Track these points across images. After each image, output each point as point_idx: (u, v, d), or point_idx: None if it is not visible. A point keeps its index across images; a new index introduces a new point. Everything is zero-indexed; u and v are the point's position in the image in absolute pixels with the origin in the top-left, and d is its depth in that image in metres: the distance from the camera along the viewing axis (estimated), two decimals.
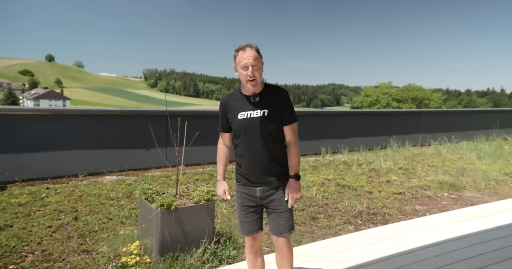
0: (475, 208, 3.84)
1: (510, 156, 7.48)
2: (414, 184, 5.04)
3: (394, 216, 3.76)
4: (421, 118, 9.58)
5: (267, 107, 1.73)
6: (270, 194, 1.78)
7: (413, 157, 7.16)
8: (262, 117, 1.71)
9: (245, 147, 1.76)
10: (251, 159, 1.76)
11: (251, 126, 1.72)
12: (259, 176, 1.77)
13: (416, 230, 3.12)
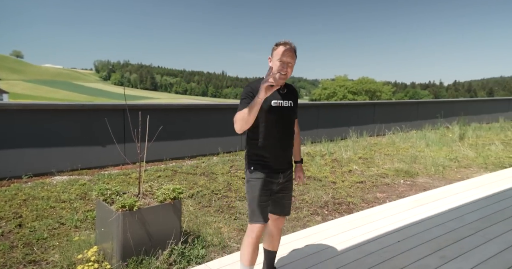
0: (428, 193, 4.12)
1: (453, 143, 8.19)
2: (373, 173, 5.29)
3: (357, 204, 3.91)
4: (376, 109, 10.11)
5: (291, 99, 1.90)
6: (287, 178, 1.93)
7: (370, 147, 7.52)
8: (290, 107, 1.87)
9: (276, 134, 1.84)
10: (279, 146, 1.86)
11: (283, 114, 1.84)
12: (283, 162, 1.89)
13: (379, 217, 3.26)
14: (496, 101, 16.10)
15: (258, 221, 1.84)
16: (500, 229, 2.90)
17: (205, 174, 5.00)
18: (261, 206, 1.84)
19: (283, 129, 1.87)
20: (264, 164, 1.84)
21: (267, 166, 1.85)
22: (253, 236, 1.85)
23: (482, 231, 2.87)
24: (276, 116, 1.82)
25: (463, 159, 6.40)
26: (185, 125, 6.30)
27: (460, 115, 12.68)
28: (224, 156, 6.40)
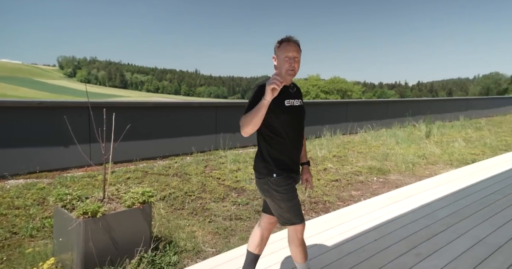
0: (401, 190, 4.21)
1: (420, 140, 8.54)
2: (347, 171, 5.34)
3: (334, 203, 3.90)
4: (349, 108, 10.32)
5: (300, 97, 1.84)
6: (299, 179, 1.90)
7: (344, 145, 7.64)
8: (301, 106, 1.82)
9: (292, 134, 1.76)
10: (295, 147, 1.80)
11: (296, 114, 1.77)
12: (298, 162, 1.85)
13: (355, 216, 3.25)
14: (457, 100, 17.11)
15: (301, 220, 1.78)
16: (469, 224, 2.98)
17: (178, 175, 4.80)
18: (298, 208, 1.78)
19: (298, 129, 1.81)
20: (287, 168, 1.76)
21: (290, 169, 1.78)
22: (300, 236, 1.81)
23: (453, 226, 2.94)
24: (291, 116, 1.74)
25: (430, 156, 6.67)
26: (157, 124, 6.03)
27: (425, 113, 13.30)
28: (198, 155, 6.20)
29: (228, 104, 7.59)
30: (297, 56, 1.71)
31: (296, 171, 1.83)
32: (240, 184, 4.49)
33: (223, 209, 3.65)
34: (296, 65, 1.71)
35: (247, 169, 5.19)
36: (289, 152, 1.77)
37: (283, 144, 1.75)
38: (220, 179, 4.74)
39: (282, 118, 1.71)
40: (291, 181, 1.77)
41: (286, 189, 1.73)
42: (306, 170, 1.97)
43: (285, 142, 1.75)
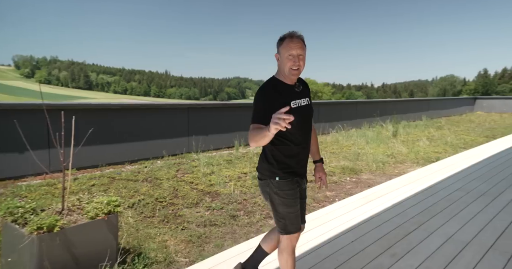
0: (373, 190, 4.28)
1: (388, 140, 8.86)
2: None
3: (309, 204, 3.87)
4: (321, 109, 10.49)
5: (307, 95, 1.73)
6: (306, 182, 1.81)
7: None
8: (308, 105, 1.71)
9: (298, 137, 1.66)
10: (304, 149, 1.71)
11: (303, 115, 1.66)
12: (305, 165, 1.74)
13: (331, 217, 3.25)
14: (419, 101, 18.06)
15: (295, 230, 1.70)
16: (438, 222, 3.08)
17: (148, 180, 4.56)
18: (296, 214, 1.69)
19: (306, 130, 1.71)
20: (291, 172, 1.68)
21: (294, 173, 1.69)
22: (291, 246, 1.72)
23: (424, 224, 3.02)
24: (298, 118, 1.49)
25: (398, 155, 6.91)
26: (125, 126, 5.72)
27: (391, 114, 13.87)
28: (169, 159, 5.96)
29: (201, 105, 7.40)
30: (301, 53, 1.59)
31: (302, 174, 1.74)
32: (214, 188, 4.35)
33: (196, 215, 3.50)
34: (301, 63, 1.60)
35: (221, 172, 5.07)
36: (296, 154, 1.68)
37: (290, 147, 1.65)
38: (193, 183, 4.57)
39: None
40: (295, 186, 1.68)
41: (287, 194, 1.65)
42: (319, 168, 1.91)
43: (292, 145, 1.65)
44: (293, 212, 1.67)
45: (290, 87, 1.66)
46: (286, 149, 1.65)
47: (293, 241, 1.72)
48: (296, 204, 1.69)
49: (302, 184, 1.75)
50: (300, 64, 1.60)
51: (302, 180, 1.74)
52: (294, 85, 1.68)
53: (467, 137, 9.69)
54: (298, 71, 1.61)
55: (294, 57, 1.58)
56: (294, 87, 1.68)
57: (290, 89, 1.66)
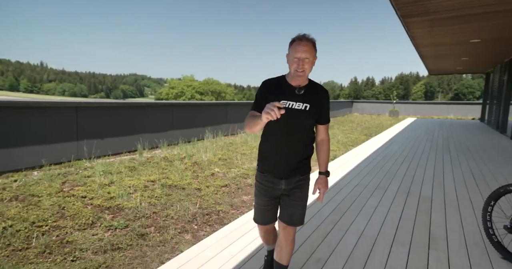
0: None
1: None
2: (235, 174, 5.24)
3: (227, 212, 3.66)
4: (228, 109, 10.44)
5: (309, 102, 1.70)
6: (294, 186, 1.79)
7: (227, 147, 7.59)
8: (303, 111, 1.69)
9: (280, 138, 1.71)
10: (283, 151, 1.73)
11: (290, 117, 1.66)
12: (287, 168, 1.75)
13: (252, 225, 3.10)
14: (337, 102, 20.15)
15: (257, 221, 1.88)
16: (349, 219, 3.29)
17: (20, 199, 3.56)
18: (257, 209, 1.85)
19: (289, 132, 1.69)
20: (267, 167, 1.79)
21: (269, 169, 1.78)
22: (260, 233, 1.97)
23: (338, 223, 3.18)
24: (282, 119, 1.51)
25: None
26: None
27: None
28: (51, 169, 4.86)
29: (94, 104, 6.31)
30: (308, 57, 1.62)
31: (280, 176, 1.75)
32: (115, 202, 3.69)
33: (92, 239, 2.85)
34: (306, 66, 1.63)
35: (122, 182, 4.37)
36: (273, 155, 1.75)
37: (270, 145, 1.76)
38: (87, 197, 3.79)
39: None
40: (265, 182, 1.79)
41: (257, 185, 1.84)
42: (320, 180, 1.86)
43: (273, 144, 1.74)
44: (257, 205, 1.84)
45: (290, 88, 1.69)
46: (266, 147, 1.78)
47: (260, 229, 1.95)
48: (262, 201, 1.81)
49: (277, 185, 1.77)
50: (305, 67, 1.63)
51: (277, 180, 1.76)
52: (296, 87, 1.68)
53: (352, 135, 11.16)
54: (303, 73, 1.64)
55: (299, 60, 1.62)
56: (296, 89, 1.68)
57: (290, 89, 1.68)
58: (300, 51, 1.61)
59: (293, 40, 1.65)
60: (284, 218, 1.80)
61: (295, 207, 1.79)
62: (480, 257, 2.46)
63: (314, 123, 1.77)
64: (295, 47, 1.63)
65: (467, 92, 66.44)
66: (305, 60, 1.62)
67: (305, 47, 1.61)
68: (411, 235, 2.88)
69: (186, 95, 58.67)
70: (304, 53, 1.61)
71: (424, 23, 6.18)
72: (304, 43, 1.62)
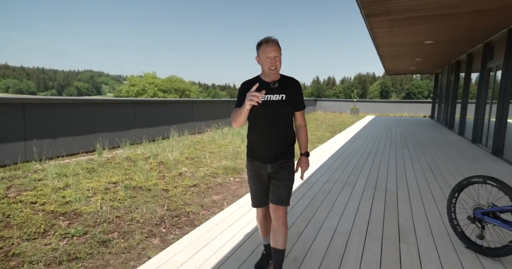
0: None
1: None
2: (204, 173, 5.06)
3: (197, 213, 3.49)
4: (194, 107, 10.14)
5: (284, 92, 1.92)
6: (280, 169, 1.96)
7: (194, 145, 7.35)
8: (280, 101, 1.90)
9: (262, 127, 1.92)
10: (267, 139, 1.92)
11: (270, 108, 1.89)
12: (272, 153, 1.93)
13: (225, 226, 2.97)
14: None
15: (254, 205, 2.09)
16: (321, 216, 3.29)
17: None
18: (252, 194, 2.07)
19: (271, 121, 1.92)
20: (254, 154, 1.99)
21: (256, 156, 1.98)
22: (257, 217, 2.15)
23: (312, 220, 3.16)
24: (263, 110, 1.87)
25: None
26: None
27: None
28: None
29: (43, 100, 5.74)
30: (277, 55, 1.85)
31: (266, 160, 1.94)
32: (72, 207, 3.36)
33: (45, 249, 2.56)
34: (277, 63, 1.86)
35: (80, 185, 4.01)
36: (260, 142, 1.95)
37: (255, 134, 1.97)
38: (37, 203, 3.42)
39: (255, 111, 1.86)
40: (255, 168, 1.99)
41: (248, 173, 2.06)
42: (301, 160, 2.10)
43: (257, 133, 1.96)
44: (251, 190, 2.06)
45: (266, 84, 1.91)
46: (253, 135, 1.98)
47: (257, 214, 2.15)
48: (254, 185, 2.03)
49: (264, 169, 1.97)
50: (277, 64, 1.86)
51: (264, 165, 1.96)
52: (271, 82, 1.92)
53: (318, 133, 11.42)
54: (276, 70, 1.87)
55: (271, 59, 1.85)
56: (270, 84, 1.92)
57: (266, 85, 1.90)
58: (270, 51, 1.84)
59: (261, 43, 1.87)
60: (272, 199, 1.99)
61: (280, 187, 1.97)
62: (447, 247, 2.57)
63: (292, 111, 1.99)
64: (264, 49, 1.85)
65: (417, 92, 71.59)
66: (275, 58, 1.85)
67: (273, 47, 1.85)
68: (382, 229, 2.94)
69: (148, 93, 56.37)
70: (274, 52, 1.84)
71: (386, 23, 6.44)
72: (271, 44, 1.85)
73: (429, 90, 69.21)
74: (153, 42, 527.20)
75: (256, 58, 1.92)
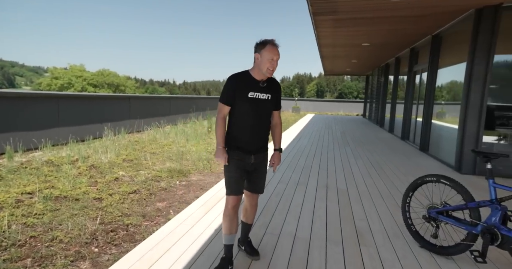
0: (209, 194, 3.93)
1: (205, 136, 9.00)
2: (145, 177, 4.51)
3: (139, 225, 3.01)
4: (132, 103, 9.25)
5: (270, 93, 2.11)
6: (260, 160, 2.16)
7: (133, 146, 6.63)
8: (267, 100, 2.09)
9: (249, 121, 2.07)
10: (253, 132, 2.09)
11: (258, 106, 2.05)
12: (256, 146, 2.12)
13: (173, 239, 2.59)
14: None
15: (230, 193, 2.12)
16: (279, 221, 3.10)
17: None
18: (233, 182, 2.11)
19: (257, 118, 2.08)
20: (237, 146, 2.09)
21: (240, 147, 2.09)
22: (228, 207, 2.14)
23: (269, 226, 2.93)
24: (251, 107, 2.03)
25: None
26: None
27: (204, 110, 14.41)
28: None
29: None
30: (278, 58, 2.00)
31: (250, 152, 2.09)
32: None
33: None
34: (275, 66, 1.99)
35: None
36: (246, 136, 2.08)
37: (241, 128, 2.08)
38: None
39: (244, 107, 2.02)
40: (237, 157, 2.08)
41: (230, 161, 2.08)
42: (274, 155, 2.26)
43: (244, 127, 2.07)
44: (229, 178, 2.11)
45: (255, 82, 2.03)
46: (238, 129, 2.08)
47: (229, 203, 2.12)
48: (234, 174, 2.09)
49: (248, 159, 2.10)
50: (275, 67, 2.00)
51: (248, 155, 2.09)
52: (260, 81, 2.04)
53: None
54: (272, 72, 2.00)
55: (274, 61, 1.97)
56: (259, 83, 2.04)
57: (255, 83, 2.03)
58: (276, 53, 1.98)
59: (267, 43, 1.98)
60: (249, 188, 2.21)
61: (261, 178, 2.22)
62: (403, 248, 2.56)
63: (272, 110, 2.17)
64: (270, 49, 1.97)
65: (348, 92, 77.57)
66: (277, 61, 2.00)
67: (277, 51, 2.00)
68: (340, 232, 2.86)
69: (75, 87, 50.73)
70: (278, 55, 1.99)
71: (331, 22, 6.57)
72: (276, 47, 2.00)
73: (358, 90, 75.34)
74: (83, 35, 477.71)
75: (256, 55, 2.01)
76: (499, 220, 2.03)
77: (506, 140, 5.19)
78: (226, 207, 2.13)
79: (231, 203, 2.11)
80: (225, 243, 2.17)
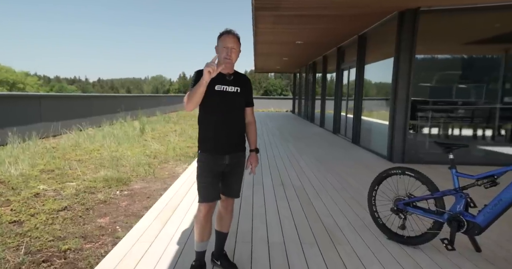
0: (160, 204, 3.48)
1: (139, 138, 8.19)
2: (75, 190, 3.80)
3: (81, 250, 2.46)
4: (43, 104, 7.86)
5: (239, 86, 2.01)
6: (235, 161, 2.02)
7: (51, 153, 5.59)
8: (235, 93, 1.99)
9: (218, 117, 1.95)
10: (225, 128, 1.96)
11: (226, 99, 1.96)
12: (229, 143, 1.98)
13: (132, 262, 2.17)
14: (153, 97, 18.75)
15: (202, 201, 1.96)
16: (247, 226, 2.90)
17: None
18: (204, 187, 1.96)
19: (228, 111, 1.96)
20: (208, 146, 1.96)
21: (211, 148, 1.95)
22: (200, 215, 2.00)
23: (238, 234, 2.71)
24: (218, 100, 1.93)
25: (158, 154, 6.44)
26: None
27: (131, 109, 13.16)
28: None
29: None
30: (234, 47, 1.93)
31: (224, 151, 1.95)
32: None
33: None
34: (233, 55, 1.93)
35: None
36: (216, 133, 1.95)
37: (211, 125, 1.96)
38: None
39: (211, 100, 1.89)
40: (209, 160, 1.94)
41: (200, 166, 1.98)
42: (251, 156, 2.13)
43: (212, 123, 1.95)
44: (201, 184, 1.96)
45: (222, 75, 1.94)
46: (207, 127, 1.97)
47: (201, 211, 1.98)
48: (206, 178, 1.94)
49: (221, 160, 1.95)
50: (232, 56, 1.93)
51: (221, 156, 1.95)
52: (226, 74, 1.96)
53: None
54: (230, 60, 1.93)
55: (227, 48, 1.91)
56: (226, 76, 1.96)
57: (222, 76, 1.94)
58: (229, 41, 1.91)
59: (222, 33, 1.94)
60: (225, 192, 2.05)
61: (235, 182, 2.08)
62: (374, 242, 2.58)
63: (243, 104, 2.05)
64: (224, 39, 1.91)
65: (272, 89, 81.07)
66: (232, 49, 1.91)
67: (232, 39, 1.92)
68: (311, 232, 2.79)
69: None
70: (232, 43, 1.91)
71: (271, 18, 6.55)
72: (231, 36, 1.92)
73: (281, 88, 79.09)
74: None
75: (216, 48, 1.97)
76: (463, 208, 2.20)
77: (424, 129, 5.92)
78: (197, 216, 2.01)
79: (203, 212, 1.97)
80: (196, 250, 2.07)
